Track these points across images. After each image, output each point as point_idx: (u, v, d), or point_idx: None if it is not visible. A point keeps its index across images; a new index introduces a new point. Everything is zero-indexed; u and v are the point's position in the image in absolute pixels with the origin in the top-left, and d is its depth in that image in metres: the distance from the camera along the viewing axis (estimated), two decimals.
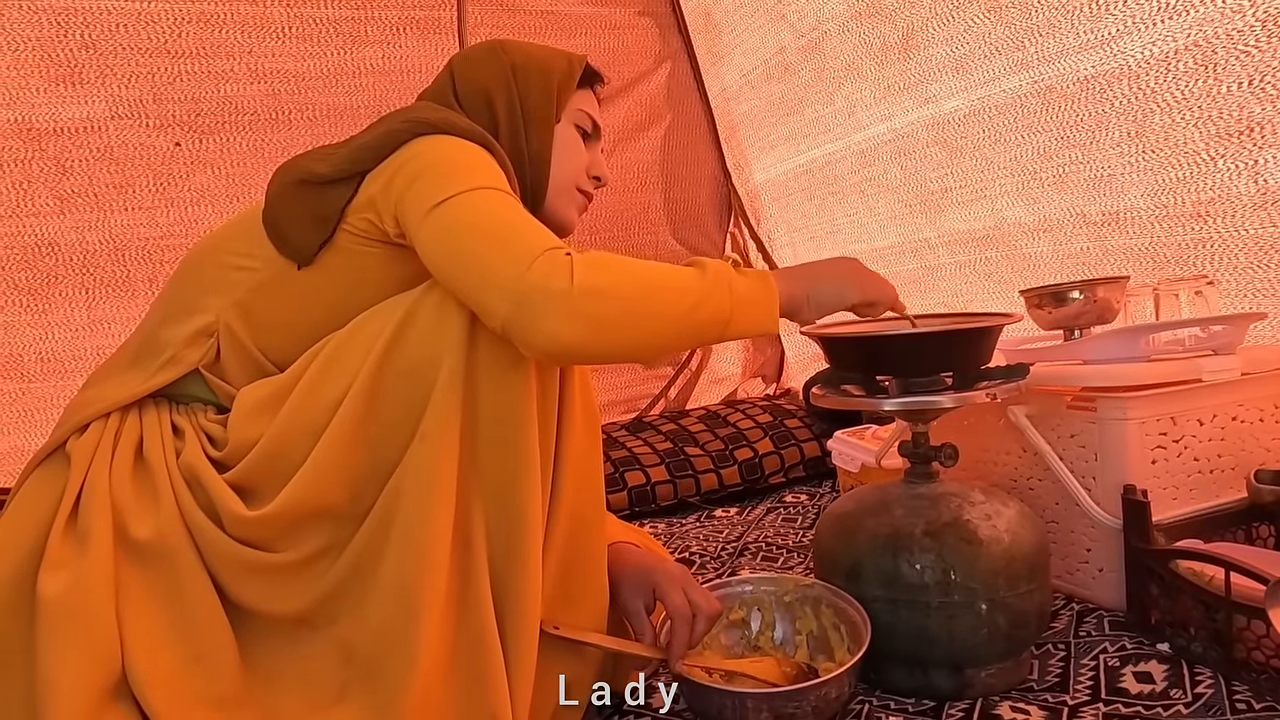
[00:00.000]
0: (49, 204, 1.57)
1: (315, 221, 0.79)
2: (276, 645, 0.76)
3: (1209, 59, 1.06)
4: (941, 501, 0.91)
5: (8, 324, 1.57)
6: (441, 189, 0.74)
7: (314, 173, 0.79)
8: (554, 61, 0.95)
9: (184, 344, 0.82)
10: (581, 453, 0.83)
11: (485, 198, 0.75)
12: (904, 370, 0.91)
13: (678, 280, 0.74)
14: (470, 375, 0.74)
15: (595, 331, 0.70)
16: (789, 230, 2.11)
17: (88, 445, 0.78)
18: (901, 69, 1.54)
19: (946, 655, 0.86)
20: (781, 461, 1.78)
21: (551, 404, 0.79)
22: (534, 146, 0.92)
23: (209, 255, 0.85)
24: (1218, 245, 1.15)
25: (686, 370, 2.25)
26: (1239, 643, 0.84)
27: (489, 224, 0.73)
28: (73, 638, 0.70)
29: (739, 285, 0.77)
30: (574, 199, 0.97)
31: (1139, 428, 1.00)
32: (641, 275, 0.73)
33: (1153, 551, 0.94)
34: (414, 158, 0.77)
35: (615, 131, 2.07)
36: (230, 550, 0.75)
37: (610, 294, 0.70)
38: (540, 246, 0.70)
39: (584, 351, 0.71)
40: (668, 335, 0.74)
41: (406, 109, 0.86)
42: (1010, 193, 1.43)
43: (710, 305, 0.75)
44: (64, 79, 1.55)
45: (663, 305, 0.73)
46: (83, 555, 0.72)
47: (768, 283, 0.79)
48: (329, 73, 1.72)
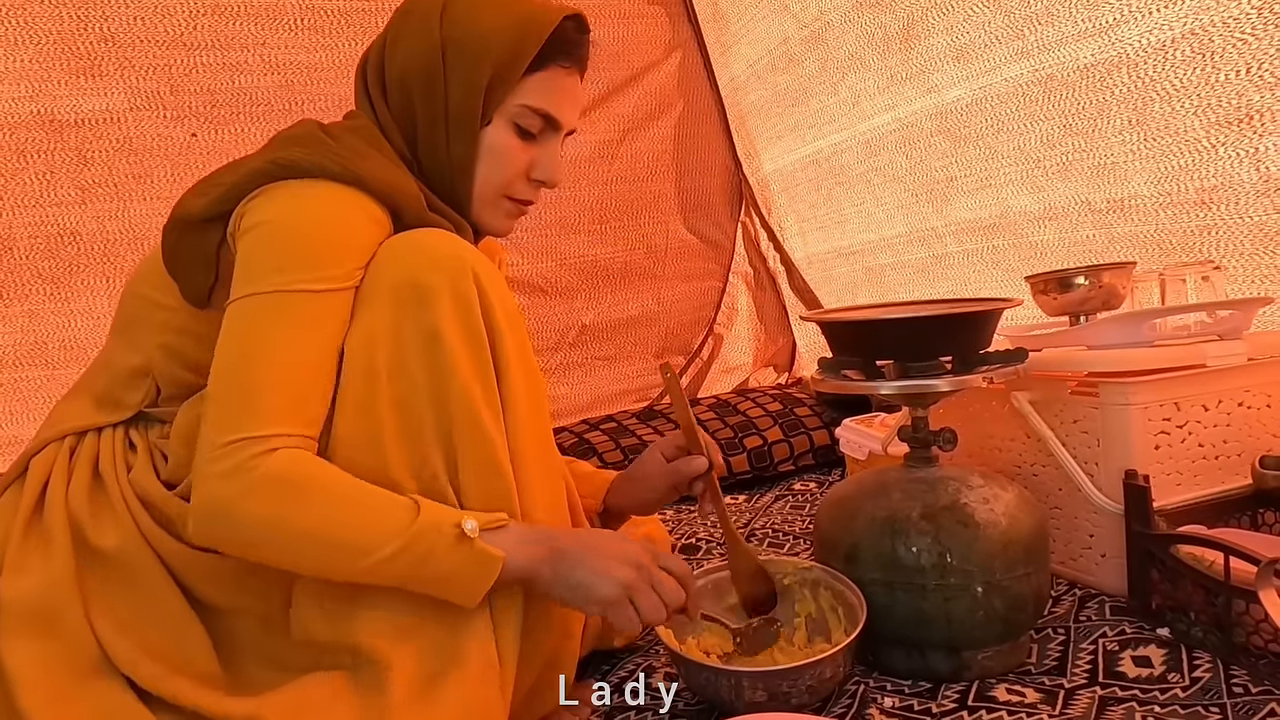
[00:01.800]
0: (71, 194, 1.60)
1: (200, 264, 0.77)
2: (253, 640, 0.78)
3: (1206, 47, 1.06)
4: (940, 485, 0.91)
5: (32, 312, 1.61)
6: (245, 279, 0.72)
7: (189, 213, 0.76)
8: (497, 36, 0.80)
9: (126, 385, 0.83)
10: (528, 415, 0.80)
11: (272, 313, 0.71)
12: (903, 354, 0.91)
13: (354, 536, 0.69)
14: (393, 363, 0.74)
15: (230, 548, 0.71)
16: (798, 220, 2.11)
17: (44, 463, 0.80)
18: (904, 59, 1.53)
19: (943, 637, 0.87)
20: (791, 449, 1.78)
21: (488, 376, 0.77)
22: (455, 152, 0.83)
23: (136, 286, 0.84)
24: (1223, 232, 1.14)
25: (698, 359, 2.26)
26: (1238, 627, 0.84)
27: (245, 362, 0.71)
28: (38, 629, 0.71)
29: (441, 561, 0.70)
30: (501, 207, 0.87)
31: (1142, 413, 0.99)
32: (309, 521, 0.69)
33: (1154, 536, 0.94)
34: (251, 225, 0.73)
35: (626, 120, 2.07)
36: (190, 558, 0.76)
37: (256, 530, 0.69)
38: (246, 429, 0.68)
39: (220, 550, 0.72)
40: (318, 573, 0.72)
41: (290, 135, 0.81)
42: (1015, 181, 1.43)
43: (385, 571, 0.70)
44: (84, 71, 1.57)
45: (314, 558, 0.70)
46: (46, 559, 0.74)
47: (486, 562, 0.71)
48: (341, 64, 1.74)
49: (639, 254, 2.14)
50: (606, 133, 2.04)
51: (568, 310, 2.06)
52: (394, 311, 0.73)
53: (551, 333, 2.05)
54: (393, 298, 0.74)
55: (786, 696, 0.81)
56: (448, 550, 0.70)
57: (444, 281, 0.74)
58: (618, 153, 2.07)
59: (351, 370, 0.74)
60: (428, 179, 0.84)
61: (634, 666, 0.98)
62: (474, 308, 0.75)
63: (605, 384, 2.13)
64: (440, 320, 0.73)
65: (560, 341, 2.06)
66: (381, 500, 0.71)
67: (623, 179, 2.09)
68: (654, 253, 2.16)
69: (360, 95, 0.87)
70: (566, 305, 2.06)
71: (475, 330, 0.75)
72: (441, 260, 0.75)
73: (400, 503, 0.71)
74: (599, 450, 1.70)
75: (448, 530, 0.70)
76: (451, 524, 0.70)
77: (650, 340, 2.18)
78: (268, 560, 0.71)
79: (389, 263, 0.75)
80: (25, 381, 1.61)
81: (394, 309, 0.74)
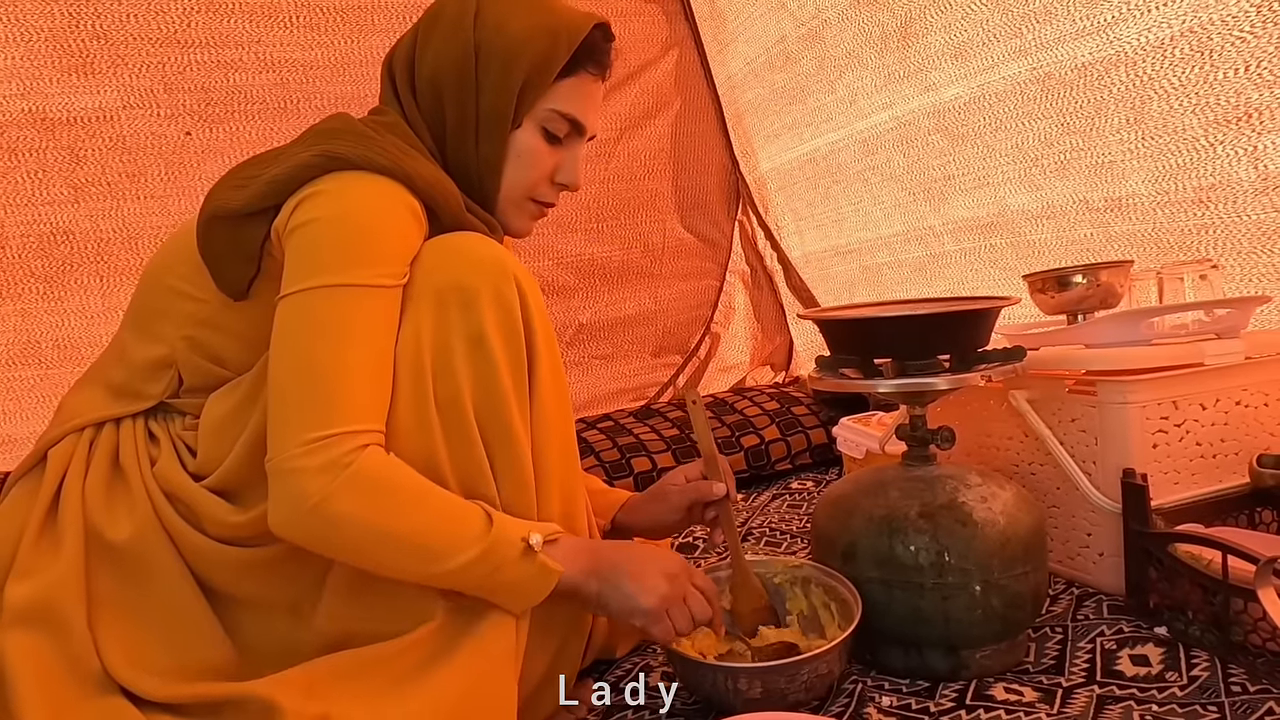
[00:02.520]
0: (63, 193, 1.59)
1: (241, 257, 0.77)
2: (273, 631, 0.78)
3: (1204, 45, 1.05)
4: (937, 484, 0.91)
5: (25, 311, 1.60)
6: (306, 272, 0.72)
7: (228, 208, 0.76)
8: (531, 43, 0.82)
9: (146, 377, 0.82)
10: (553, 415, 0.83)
11: (339, 308, 0.71)
12: (900, 352, 0.91)
13: (435, 542, 0.71)
14: (438, 363, 0.75)
15: (314, 543, 0.71)
16: (795, 219, 2.11)
17: (63, 455, 0.80)
18: (901, 57, 1.53)
19: (941, 636, 0.87)
20: (788, 448, 1.78)
21: (521, 383, 0.79)
22: (484, 153, 0.84)
23: (159, 276, 0.83)
24: (1221, 231, 1.14)
25: (695, 358, 2.26)
26: (1236, 625, 0.84)
27: (321, 356, 0.70)
28: (40, 640, 0.71)
29: (508, 572, 0.72)
30: (526, 209, 0.90)
31: (1140, 411, 0.99)
32: (397, 523, 0.70)
33: (1151, 535, 0.94)
34: (307, 219, 0.73)
35: (623, 119, 2.07)
36: (215, 552, 0.76)
37: (347, 529, 0.69)
38: (337, 425, 0.69)
39: (302, 544, 0.72)
40: (393, 573, 0.72)
41: (329, 128, 0.81)
42: (1013, 180, 1.42)
43: (457, 578, 0.71)
44: (77, 69, 1.56)
45: (395, 559, 0.71)
46: (54, 562, 0.74)
47: (547, 575, 0.74)
48: (336, 62, 1.73)
49: (636, 252, 2.14)
50: (604, 131, 2.03)
51: (565, 309, 2.06)
52: (440, 313, 0.75)
53: None
54: (438, 299, 0.75)
55: (784, 693, 0.81)
56: (515, 562, 0.72)
57: (487, 285, 0.76)
58: (615, 151, 2.07)
59: (401, 369, 0.75)
60: (454, 178, 0.85)
61: (631, 666, 0.98)
62: (515, 312, 0.77)
63: (602, 383, 2.12)
64: (485, 323, 0.75)
65: (557, 340, 2.06)
66: (460, 507, 0.73)
67: (620, 177, 2.09)
68: (651, 251, 2.16)
69: (387, 92, 0.88)
70: (563, 304, 2.05)
71: (515, 334, 0.77)
72: (485, 264, 0.77)
73: (475, 511, 0.73)
74: (596, 449, 1.70)
75: (517, 543, 0.73)
76: (519, 536, 0.73)
77: (647, 339, 2.18)
78: (347, 557, 0.72)
79: (434, 264, 0.77)
80: (18, 381, 1.60)
81: (440, 310, 0.75)
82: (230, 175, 0.80)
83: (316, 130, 0.81)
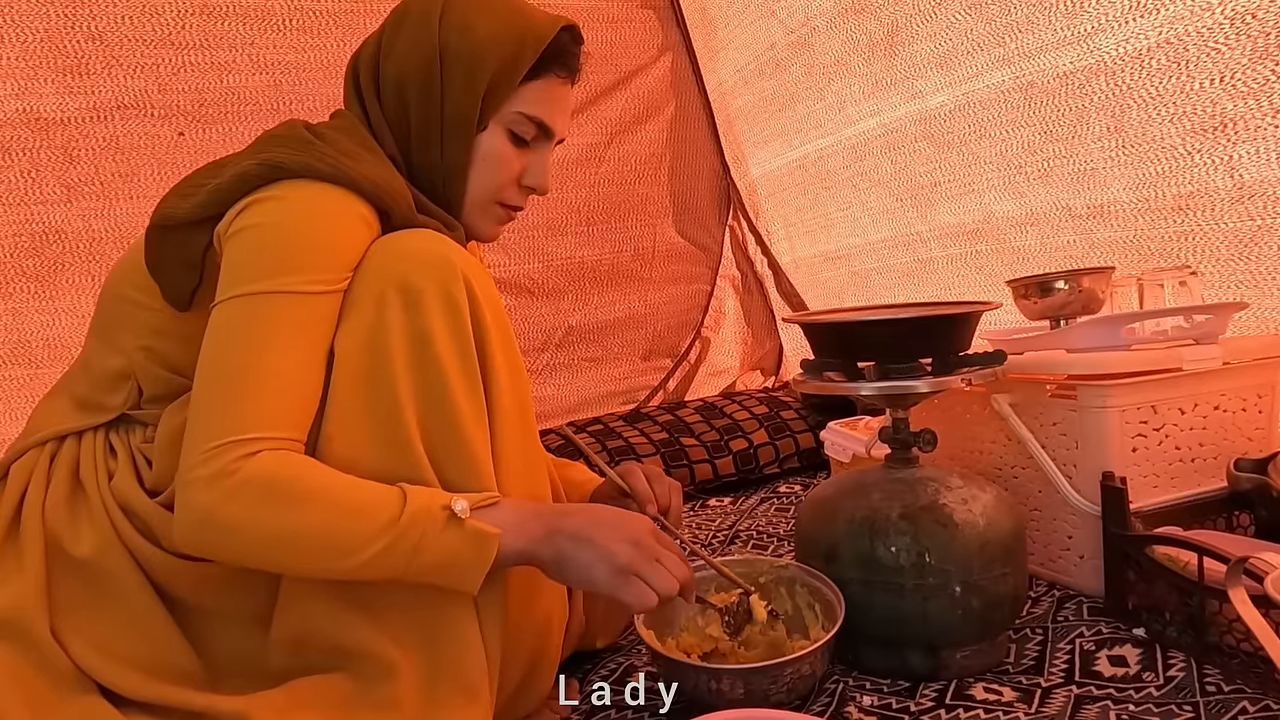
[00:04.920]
0: (56, 192, 1.59)
1: (183, 266, 0.76)
2: (239, 641, 0.78)
3: (1181, 56, 1.07)
4: (919, 486, 0.92)
5: (16, 310, 1.60)
6: (235, 280, 0.71)
7: (173, 217, 0.75)
8: (497, 45, 0.81)
9: (107, 388, 0.82)
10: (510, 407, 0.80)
11: (261, 315, 0.70)
12: (882, 355, 0.92)
13: (340, 535, 0.68)
14: (375, 366, 0.73)
15: (215, 553, 0.71)
16: (785, 225, 2.13)
17: (24, 469, 0.80)
18: (888, 65, 1.55)
19: (921, 636, 0.88)
20: (776, 452, 1.79)
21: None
22: (449, 158, 0.83)
23: (116, 285, 0.83)
24: (1199, 238, 1.16)
25: (685, 363, 2.27)
26: (1212, 627, 0.85)
27: (230, 365, 0.70)
28: (7, 647, 0.71)
29: (434, 546, 0.69)
30: (492, 213, 0.88)
31: (1119, 416, 1.00)
32: (293, 523, 0.68)
33: (1129, 537, 0.95)
34: (241, 227, 0.72)
35: (615, 124, 2.08)
36: (173, 565, 0.76)
37: (240, 535, 0.68)
38: (231, 433, 0.68)
39: (207, 557, 0.72)
40: (308, 574, 0.72)
41: (274, 135, 0.80)
42: (998, 187, 1.44)
43: (378, 568, 0.68)
44: (71, 69, 1.57)
45: (302, 560, 0.69)
46: (16, 576, 0.74)
47: (482, 541, 0.70)
48: (330, 64, 1.74)
49: (626, 256, 2.15)
50: (595, 135, 2.05)
51: (554, 311, 2.07)
52: (383, 314, 0.73)
53: (538, 334, 2.06)
54: (382, 300, 0.73)
55: (766, 694, 0.82)
56: (439, 534, 0.69)
57: (434, 285, 0.73)
58: (606, 155, 2.08)
59: (340, 372, 0.73)
60: (419, 182, 0.84)
61: (615, 666, 0.99)
62: (463, 312, 0.74)
63: (592, 385, 2.13)
64: (430, 324, 0.73)
65: (547, 342, 2.07)
66: (369, 494, 0.70)
67: (611, 181, 2.10)
68: (641, 255, 2.17)
69: (350, 95, 0.87)
70: (553, 306, 2.06)
71: (464, 334, 0.74)
72: (431, 263, 0.74)
73: (388, 494, 0.70)
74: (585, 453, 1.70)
75: (437, 514, 0.69)
76: (440, 506, 0.70)
77: (637, 342, 2.19)
78: (255, 564, 0.71)
79: (378, 264, 0.75)
80: (8, 380, 1.60)
81: (383, 311, 0.73)
82: (180, 184, 0.79)
83: (265, 138, 0.80)
